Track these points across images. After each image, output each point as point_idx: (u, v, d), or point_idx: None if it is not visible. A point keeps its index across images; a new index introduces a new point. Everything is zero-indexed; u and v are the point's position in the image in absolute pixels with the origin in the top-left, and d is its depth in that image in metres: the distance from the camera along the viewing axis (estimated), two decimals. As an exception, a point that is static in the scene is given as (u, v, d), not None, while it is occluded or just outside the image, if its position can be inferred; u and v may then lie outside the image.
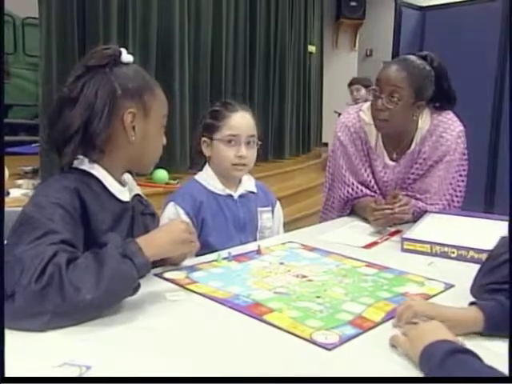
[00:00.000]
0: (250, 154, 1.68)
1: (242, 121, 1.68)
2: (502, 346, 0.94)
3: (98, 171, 1.20)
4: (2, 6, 1.01)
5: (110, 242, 1.05)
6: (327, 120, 6.86)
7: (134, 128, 1.20)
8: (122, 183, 1.27)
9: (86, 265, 0.97)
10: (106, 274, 0.96)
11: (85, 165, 1.19)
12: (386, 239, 1.74)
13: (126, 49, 1.24)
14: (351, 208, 2.08)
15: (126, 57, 1.22)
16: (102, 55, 1.18)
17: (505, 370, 0.71)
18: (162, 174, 3.42)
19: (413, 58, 1.87)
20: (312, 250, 1.55)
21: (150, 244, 1.10)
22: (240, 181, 1.75)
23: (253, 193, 1.77)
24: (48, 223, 1.02)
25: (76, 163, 1.19)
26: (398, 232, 1.78)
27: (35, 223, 1.02)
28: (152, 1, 3.92)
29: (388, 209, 1.75)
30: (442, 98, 1.94)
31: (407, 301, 1.06)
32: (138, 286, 1.05)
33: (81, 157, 1.19)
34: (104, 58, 1.18)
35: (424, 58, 1.88)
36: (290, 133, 5.96)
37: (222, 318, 1.07)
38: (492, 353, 0.90)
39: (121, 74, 1.19)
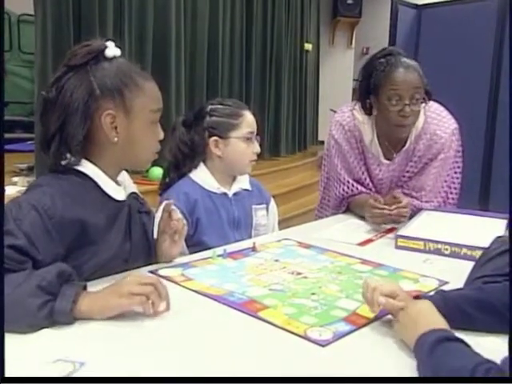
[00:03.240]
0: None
1: (253, 118, 1.72)
2: (497, 341, 0.95)
3: (91, 171, 1.19)
4: (2, 6, 1.01)
5: (51, 271, 0.97)
6: (323, 118, 6.84)
7: (116, 128, 1.16)
8: (118, 182, 1.26)
9: (12, 281, 0.91)
10: (10, 297, 0.82)
11: (78, 164, 1.17)
12: (380, 236, 1.74)
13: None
14: (346, 206, 2.09)
15: (111, 51, 1.17)
16: (84, 52, 1.15)
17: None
18: (158, 172, 3.41)
19: (404, 54, 1.87)
20: (307, 247, 1.56)
21: (94, 297, 1.00)
22: (235, 179, 1.75)
23: (247, 190, 1.77)
24: (10, 224, 1.00)
25: (70, 162, 1.17)
26: (392, 229, 1.78)
27: (5, 219, 0.99)
28: (148, 2, 3.91)
29: (386, 209, 1.76)
30: None
31: (368, 284, 1.04)
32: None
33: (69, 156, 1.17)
34: (85, 55, 1.15)
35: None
36: (286, 131, 5.96)
37: (217, 314, 1.07)
38: (487, 349, 0.92)
39: (101, 71, 1.15)
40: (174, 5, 4.11)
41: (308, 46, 6.47)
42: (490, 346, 0.93)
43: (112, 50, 1.19)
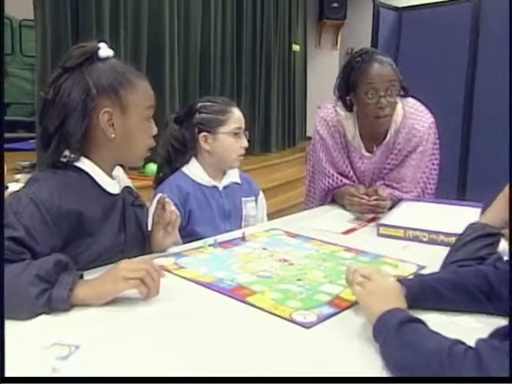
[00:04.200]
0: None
1: (241, 114, 1.72)
2: (470, 321, 0.96)
3: (88, 166, 1.18)
4: (2, 8, 1.00)
5: (48, 261, 0.96)
6: (311, 115, 6.82)
7: (113, 125, 1.16)
8: (113, 176, 1.25)
9: (12, 271, 0.91)
10: (9, 287, 0.82)
11: (75, 160, 1.17)
12: (363, 225, 1.74)
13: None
14: (332, 197, 2.09)
15: (104, 51, 1.17)
16: (78, 54, 1.14)
17: (471, 342, 0.72)
18: (154, 168, 3.39)
19: (379, 52, 1.89)
20: (294, 236, 1.55)
21: (90, 284, 0.99)
22: (225, 172, 1.75)
23: (237, 184, 1.77)
24: (10, 217, 1.00)
25: (68, 158, 1.16)
26: (375, 219, 1.78)
27: (5, 212, 0.99)
28: (143, 2, 3.89)
29: (365, 199, 1.76)
30: None
31: (350, 267, 1.04)
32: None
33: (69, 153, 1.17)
34: (80, 56, 1.14)
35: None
36: (276, 128, 5.95)
37: (208, 300, 1.07)
38: (461, 328, 0.93)
39: (96, 71, 1.15)
40: (168, 9, 4.10)
41: (296, 47, 6.47)
42: (464, 325, 0.95)
43: (105, 50, 1.18)
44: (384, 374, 0.78)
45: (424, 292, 0.99)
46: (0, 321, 0.70)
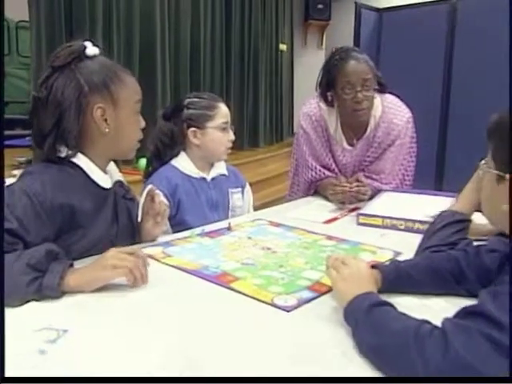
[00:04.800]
0: None
1: (227, 109, 1.73)
2: (440, 302, 0.97)
3: (82, 161, 1.17)
4: (2, 8, 0.99)
5: (39, 250, 0.96)
6: (298, 112, 6.79)
7: (106, 120, 1.15)
8: (106, 171, 1.24)
9: (5, 261, 0.89)
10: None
11: (73, 156, 1.15)
12: (344, 215, 1.75)
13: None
14: (315, 189, 2.09)
15: (91, 50, 1.16)
16: (66, 53, 1.13)
17: (438, 322, 0.72)
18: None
19: (356, 50, 1.89)
20: (278, 225, 1.55)
21: (80, 272, 0.99)
22: (212, 165, 1.74)
23: (224, 176, 1.77)
24: (4, 210, 0.99)
25: (62, 153, 1.15)
26: (355, 209, 1.79)
27: None
28: (135, 3, 3.85)
29: (347, 186, 1.77)
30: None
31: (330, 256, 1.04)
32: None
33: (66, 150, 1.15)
34: (68, 55, 1.13)
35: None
36: (263, 124, 5.94)
37: (193, 287, 1.07)
38: (432, 309, 0.94)
39: (86, 69, 1.14)
40: (159, 11, 4.06)
41: (283, 47, 6.45)
42: (434, 306, 0.96)
43: (91, 49, 1.17)
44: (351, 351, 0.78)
45: (399, 277, 1.00)
46: (0, 321, 0.69)
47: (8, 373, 0.67)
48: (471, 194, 1.15)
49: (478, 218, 1.14)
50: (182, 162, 1.69)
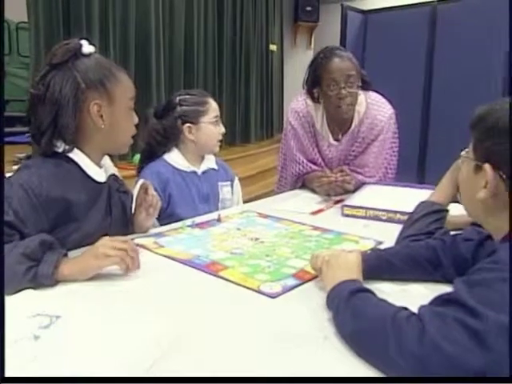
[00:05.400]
0: None
1: (216, 104, 1.73)
2: (418, 288, 0.98)
3: (77, 156, 1.16)
4: (2, 9, 0.97)
5: (34, 240, 0.95)
6: (288, 109, 6.81)
7: (102, 116, 1.14)
8: (100, 165, 1.23)
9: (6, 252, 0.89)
10: None
11: (70, 151, 1.14)
12: (330, 207, 1.75)
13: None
14: (302, 182, 2.08)
15: (87, 48, 1.15)
16: (63, 51, 1.11)
17: (414, 308, 0.72)
18: (142, 158, 3.38)
19: (339, 47, 1.88)
20: (266, 217, 1.55)
21: (74, 261, 0.98)
22: (203, 159, 1.74)
23: (214, 169, 1.76)
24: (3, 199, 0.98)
25: (65, 150, 1.14)
26: (340, 201, 1.78)
27: None
28: (130, 4, 3.81)
29: (333, 176, 1.77)
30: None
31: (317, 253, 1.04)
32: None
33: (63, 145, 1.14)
34: (65, 53, 1.11)
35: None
36: (254, 120, 5.92)
37: (184, 275, 1.06)
38: (411, 295, 0.94)
39: (83, 66, 1.12)
40: (153, 11, 4.03)
41: (273, 47, 6.42)
42: (413, 292, 0.96)
43: (87, 47, 1.16)
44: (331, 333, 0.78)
45: (380, 264, 1.00)
46: (0, 321, 0.68)
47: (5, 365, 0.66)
48: (448, 186, 1.15)
49: (455, 211, 1.15)
50: (174, 157, 1.68)
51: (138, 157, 3.30)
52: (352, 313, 0.77)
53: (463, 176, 0.87)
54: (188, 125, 1.66)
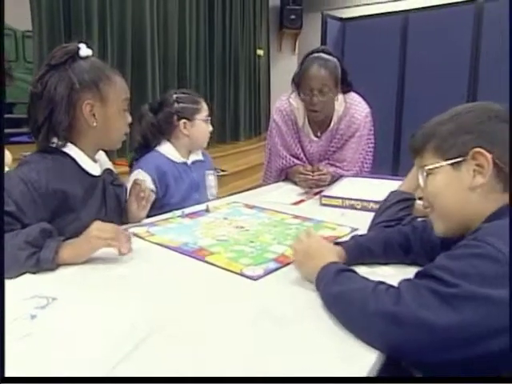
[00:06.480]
0: None
1: (206, 105, 1.74)
2: (388, 270, 0.98)
3: (73, 151, 1.14)
4: (2, 9, 0.94)
5: (35, 229, 0.94)
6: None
7: (94, 115, 1.13)
8: (95, 160, 1.22)
9: (4, 239, 0.88)
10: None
11: (63, 146, 1.13)
12: (310, 198, 1.75)
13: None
14: (285, 175, 2.08)
15: (84, 51, 1.13)
16: (62, 53, 1.10)
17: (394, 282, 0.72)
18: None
19: (324, 55, 1.83)
20: (251, 207, 1.54)
21: (71, 246, 0.97)
22: (191, 151, 1.74)
23: (201, 160, 1.76)
24: (4, 194, 0.97)
25: (58, 145, 1.12)
26: (320, 192, 1.78)
27: None
28: (127, 12, 3.77)
29: (310, 175, 1.77)
30: (342, 83, 1.89)
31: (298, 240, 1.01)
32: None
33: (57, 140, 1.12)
34: (63, 55, 1.10)
35: (329, 53, 1.85)
36: (243, 120, 5.90)
37: (174, 261, 1.05)
38: (381, 276, 0.93)
39: (78, 68, 1.11)
40: (148, 21, 3.99)
41: (260, 52, 6.39)
42: (383, 273, 0.96)
43: (84, 50, 1.14)
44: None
45: (362, 251, 0.99)
46: (0, 322, 0.67)
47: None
48: (416, 177, 1.14)
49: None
50: (167, 149, 1.68)
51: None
52: (337, 283, 0.78)
53: (440, 185, 0.79)
54: (184, 121, 1.65)
